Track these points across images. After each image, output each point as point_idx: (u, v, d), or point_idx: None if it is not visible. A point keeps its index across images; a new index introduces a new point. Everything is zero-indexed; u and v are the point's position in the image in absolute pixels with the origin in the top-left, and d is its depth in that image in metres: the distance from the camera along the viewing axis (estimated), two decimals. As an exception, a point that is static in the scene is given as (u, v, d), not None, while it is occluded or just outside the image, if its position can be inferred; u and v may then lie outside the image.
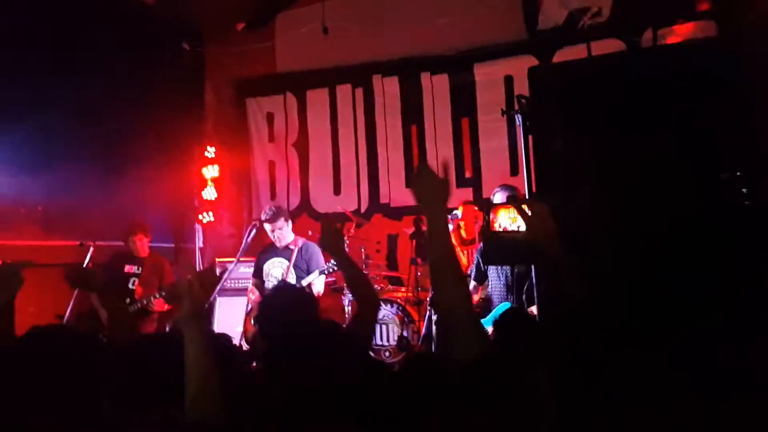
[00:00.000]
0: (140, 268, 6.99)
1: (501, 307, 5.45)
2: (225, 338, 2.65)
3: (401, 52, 8.39)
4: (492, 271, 5.73)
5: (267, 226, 6.23)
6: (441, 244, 2.25)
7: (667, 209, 2.98)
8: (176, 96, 8.89)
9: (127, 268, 7.00)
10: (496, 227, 2.64)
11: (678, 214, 2.98)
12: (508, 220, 2.63)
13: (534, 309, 5.39)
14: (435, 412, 1.92)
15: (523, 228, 2.46)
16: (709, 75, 3.23)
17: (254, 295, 6.28)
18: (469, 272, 5.99)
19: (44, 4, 6.98)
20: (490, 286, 5.83)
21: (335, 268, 5.85)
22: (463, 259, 6.38)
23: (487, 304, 5.86)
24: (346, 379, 2.11)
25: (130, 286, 6.91)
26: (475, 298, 5.91)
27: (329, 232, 3.31)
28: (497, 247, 2.67)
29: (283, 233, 6.23)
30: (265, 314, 3.09)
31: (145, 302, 6.69)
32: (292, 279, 6.05)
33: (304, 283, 5.90)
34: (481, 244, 5.93)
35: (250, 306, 6.31)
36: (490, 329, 5.56)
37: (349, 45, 8.59)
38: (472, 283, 5.96)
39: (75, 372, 2.08)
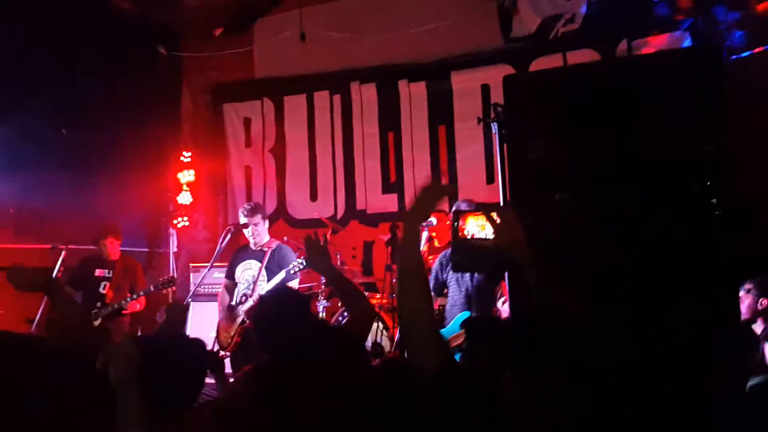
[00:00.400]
0: (111, 272, 6.93)
1: (461, 317, 5.48)
2: (198, 344, 2.62)
3: (379, 59, 8.42)
4: (452, 282, 5.78)
5: (243, 220, 6.22)
6: (411, 256, 2.27)
7: (640, 219, 3.01)
8: (153, 100, 8.85)
9: (98, 272, 6.94)
10: (465, 234, 2.65)
11: (651, 224, 3.01)
12: (477, 228, 2.64)
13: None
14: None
15: (491, 235, 2.47)
16: (684, 84, 3.27)
17: (223, 305, 6.23)
18: None
19: (18, 7, 6.92)
20: (449, 297, 5.86)
21: (301, 268, 5.83)
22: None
23: (441, 315, 5.90)
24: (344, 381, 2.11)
25: (101, 290, 6.85)
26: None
27: (312, 248, 3.26)
28: (466, 254, 2.67)
29: (259, 230, 6.20)
30: (263, 321, 3.04)
31: (116, 306, 6.62)
32: (263, 281, 6.02)
33: (271, 284, 5.86)
34: (443, 254, 5.96)
35: (221, 310, 6.26)
36: (450, 337, 5.61)
37: (327, 52, 8.59)
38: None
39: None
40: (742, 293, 4.35)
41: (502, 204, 3.91)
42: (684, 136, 3.16)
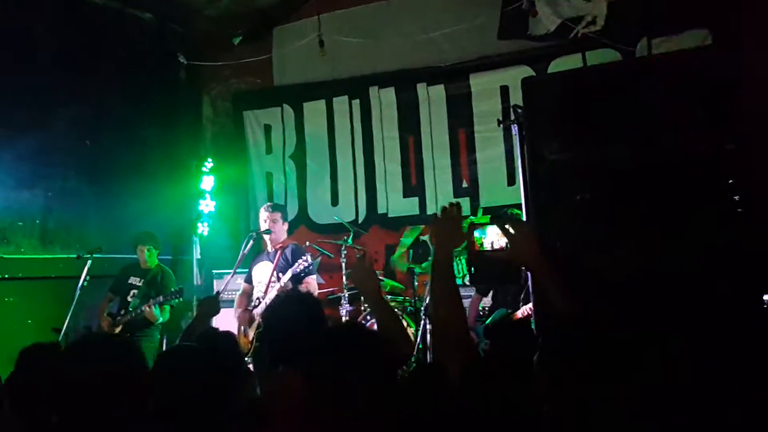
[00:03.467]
0: (141, 280, 7.02)
1: (497, 313, 5.51)
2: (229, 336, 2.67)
3: (397, 64, 8.44)
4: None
5: (263, 215, 6.32)
6: (444, 276, 2.38)
7: (662, 220, 3.00)
8: (174, 109, 8.94)
9: (131, 280, 7.07)
10: (486, 245, 2.66)
11: (674, 225, 3.00)
12: (496, 236, 2.65)
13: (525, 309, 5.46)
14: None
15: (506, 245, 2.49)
16: (702, 84, 3.26)
17: (240, 308, 6.31)
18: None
19: (41, 20, 7.02)
20: (495, 296, 5.93)
21: (306, 266, 5.89)
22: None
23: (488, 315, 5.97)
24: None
25: (129, 297, 6.94)
26: (469, 309, 6.02)
27: (359, 269, 3.20)
28: (482, 268, 2.68)
29: (276, 227, 6.28)
30: (271, 329, 3.05)
31: (135, 314, 6.72)
32: (275, 282, 6.06)
33: (281, 283, 5.90)
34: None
35: (236, 314, 6.33)
36: None
37: (345, 57, 8.63)
38: (475, 294, 6.05)
39: None
40: None
41: (524, 207, 3.92)
42: (703, 135, 3.15)
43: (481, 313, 6.25)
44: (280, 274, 6.06)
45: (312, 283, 6.11)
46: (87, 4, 7.68)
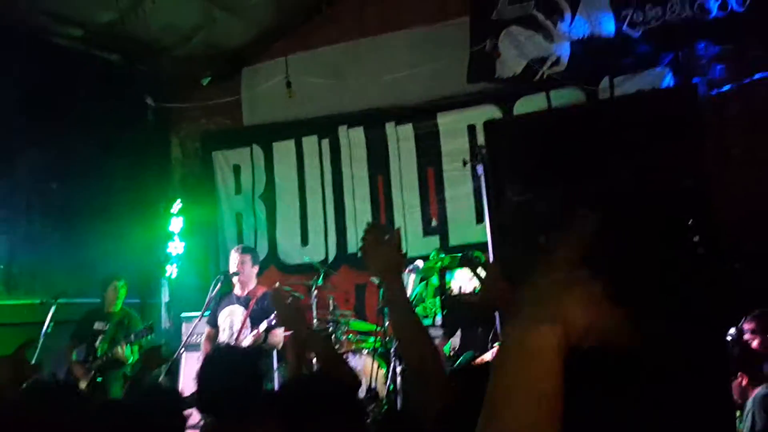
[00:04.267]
0: (107, 324, 6.92)
1: (465, 356, 5.48)
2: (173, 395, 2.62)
3: (365, 103, 8.51)
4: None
5: (234, 257, 6.28)
6: (401, 310, 2.31)
7: (623, 258, 3.01)
8: (142, 150, 8.87)
9: (96, 325, 6.95)
10: (455, 288, 2.66)
11: (635, 263, 3.00)
12: (465, 280, 2.64)
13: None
14: None
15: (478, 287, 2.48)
16: (662, 123, 3.30)
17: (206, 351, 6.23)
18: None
19: (5, 61, 6.97)
20: (461, 338, 5.91)
21: (273, 324, 5.85)
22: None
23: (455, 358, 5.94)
24: None
25: (96, 343, 6.84)
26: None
27: (281, 307, 3.18)
28: (455, 310, 2.67)
29: (245, 269, 6.22)
30: (203, 382, 3.00)
31: (106, 357, 6.64)
32: (248, 329, 6.00)
33: (262, 328, 5.84)
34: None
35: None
36: None
37: (314, 98, 8.66)
38: (441, 337, 6.03)
39: None
40: (747, 335, 4.19)
41: (490, 245, 3.93)
42: (663, 173, 3.18)
43: (450, 354, 6.22)
44: (253, 322, 6.00)
45: (278, 335, 6.03)
46: (52, 44, 7.64)
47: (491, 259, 3.64)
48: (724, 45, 6.53)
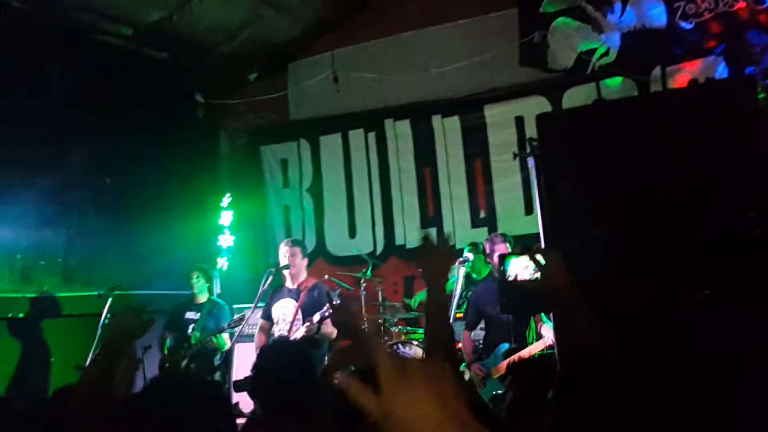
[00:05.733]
0: (198, 314, 7.16)
1: (501, 348, 5.50)
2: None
3: (411, 96, 8.53)
4: (491, 316, 5.86)
5: (283, 250, 6.36)
6: (437, 323, 2.45)
7: (679, 255, 3.00)
8: (191, 146, 9.03)
9: (188, 315, 7.22)
10: (510, 276, 2.67)
11: (692, 260, 2.99)
12: (522, 268, 2.66)
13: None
14: None
15: (536, 275, 2.49)
16: (718, 117, 3.26)
17: (260, 342, 6.35)
18: (464, 316, 6.16)
19: (58, 61, 7.14)
20: (487, 327, 5.95)
21: (326, 316, 5.90)
22: None
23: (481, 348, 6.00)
24: None
25: (189, 332, 7.09)
26: (463, 343, 6.16)
27: (338, 313, 3.22)
28: (514, 297, 2.69)
29: (296, 263, 6.30)
30: (259, 374, 3.05)
31: (200, 345, 6.90)
32: (299, 321, 6.08)
33: (315, 319, 5.91)
34: (481, 288, 6.08)
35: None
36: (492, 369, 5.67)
37: (360, 91, 8.73)
38: (463, 329, 6.11)
39: None
40: None
41: (542, 238, 3.93)
42: (719, 168, 3.15)
43: (477, 345, 6.27)
44: (305, 313, 6.08)
45: (330, 326, 6.10)
46: (102, 44, 7.81)
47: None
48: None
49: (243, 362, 7.53)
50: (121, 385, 2.69)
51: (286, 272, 6.42)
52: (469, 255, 6.49)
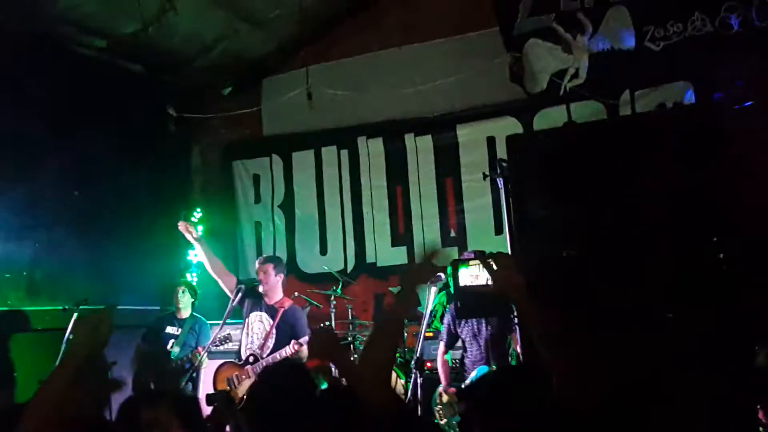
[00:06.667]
0: (179, 329, 7.05)
1: (480, 371, 5.49)
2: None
3: (385, 114, 8.57)
4: (468, 337, 5.84)
5: (256, 265, 6.39)
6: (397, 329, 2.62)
7: (645, 278, 3.03)
8: (162, 159, 8.97)
9: (168, 329, 7.10)
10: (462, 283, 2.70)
11: (660, 284, 3.02)
12: (470, 277, 2.68)
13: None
14: None
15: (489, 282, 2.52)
16: (686, 139, 3.31)
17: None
18: (439, 337, 6.14)
19: (29, 71, 7.06)
20: (468, 352, 5.91)
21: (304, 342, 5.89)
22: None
23: (461, 368, 5.97)
24: None
25: (168, 347, 6.97)
26: (438, 363, 6.10)
27: (320, 340, 3.22)
28: (467, 302, 2.71)
29: (269, 279, 6.25)
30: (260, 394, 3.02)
31: (178, 361, 6.78)
32: (272, 340, 6.05)
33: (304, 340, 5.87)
34: (453, 307, 6.06)
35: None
36: None
37: (334, 109, 8.74)
38: (442, 347, 6.06)
39: None
40: None
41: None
42: (687, 192, 3.19)
43: (453, 366, 6.26)
44: (282, 334, 6.06)
45: (305, 348, 6.07)
46: (76, 54, 7.74)
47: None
48: (746, 60, 6.51)
49: (211, 379, 7.46)
50: (93, 403, 2.63)
51: (261, 288, 6.37)
52: (441, 275, 6.49)
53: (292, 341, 5.96)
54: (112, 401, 2.85)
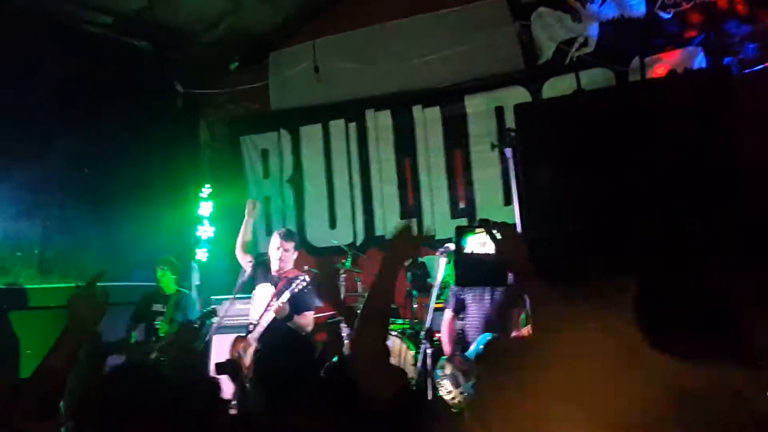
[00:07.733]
0: (164, 306, 7.10)
1: (483, 338, 5.48)
2: (213, 383, 2.63)
3: (392, 87, 8.50)
4: (471, 304, 5.80)
5: (275, 241, 6.29)
6: (382, 296, 2.54)
7: (654, 248, 3.00)
8: (171, 135, 8.97)
9: (155, 307, 7.16)
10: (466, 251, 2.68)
11: (661, 249, 2.99)
12: (478, 245, 2.67)
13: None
14: None
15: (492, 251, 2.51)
16: (695, 107, 3.27)
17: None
18: (445, 304, 6.09)
19: (37, 50, 7.05)
20: (468, 318, 5.87)
21: (302, 287, 5.89)
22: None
23: (462, 337, 5.93)
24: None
25: (156, 324, 7.03)
26: (443, 331, 5.98)
27: (322, 281, 3.27)
28: (468, 268, 2.69)
29: (288, 257, 6.26)
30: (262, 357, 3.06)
31: (166, 338, 6.82)
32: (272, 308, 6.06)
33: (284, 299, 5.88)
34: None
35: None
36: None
37: (341, 82, 8.69)
38: (449, 314, 6.01)
39: None
40: None
41: (520, 228, 3.93)
42: (698, 157, 3.16)
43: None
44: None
45: (308, 317, 6.06)
46: (83, 33, 7.72)
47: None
48: (756, 24, 6.43)
49: (221, 354, 7.49)
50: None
51: (273, 255, 6.35)
52: (450, 245, 6.47)
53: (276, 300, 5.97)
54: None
